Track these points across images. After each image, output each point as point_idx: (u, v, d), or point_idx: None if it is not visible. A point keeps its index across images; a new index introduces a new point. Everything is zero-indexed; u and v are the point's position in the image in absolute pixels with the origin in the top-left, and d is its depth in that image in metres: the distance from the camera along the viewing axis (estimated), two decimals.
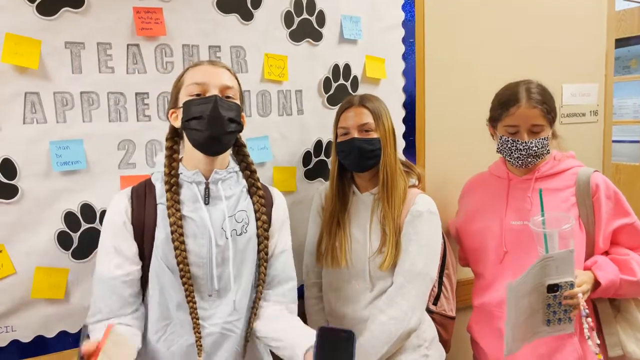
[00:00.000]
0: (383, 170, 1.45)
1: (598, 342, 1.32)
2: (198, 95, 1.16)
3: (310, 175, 1.74)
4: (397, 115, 1.87)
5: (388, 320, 1.38)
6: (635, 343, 1.49)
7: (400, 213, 1.45)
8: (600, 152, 2.38)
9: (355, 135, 1.45)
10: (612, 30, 2.34)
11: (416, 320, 1.39)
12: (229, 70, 1.23)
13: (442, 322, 1.59)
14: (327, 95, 1.73)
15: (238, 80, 1.26)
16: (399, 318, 1.37)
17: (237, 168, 1.29)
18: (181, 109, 1.18)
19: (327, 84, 1.73)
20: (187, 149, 1.22)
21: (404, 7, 1.84)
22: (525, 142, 1.48)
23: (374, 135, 1.45)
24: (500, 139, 1.54)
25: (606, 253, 1.54)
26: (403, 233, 1.44)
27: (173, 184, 1.19)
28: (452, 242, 1.81)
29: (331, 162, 1.55)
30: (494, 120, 1.57)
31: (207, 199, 1.21)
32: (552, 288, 1.32)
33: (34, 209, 1.34)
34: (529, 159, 1.50)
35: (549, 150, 1.51)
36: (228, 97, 1.19)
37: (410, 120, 1.91)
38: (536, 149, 1.48)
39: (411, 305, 1.39)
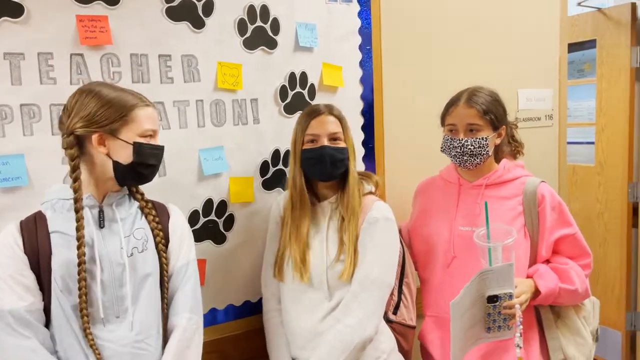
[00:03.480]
0: (349, 179, 1.45)
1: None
2: (146, 136, 1.20)
3: (268, 185, 1.71)
4: (355, 123, 1.86)
5: (344, 329, 1.36)
6: (575, 347, 1.56)
7: (357, 220, 1.44)
8: (556, 155, 2.43)
9: (326, 143, 1.43)
10: (565, 35, 2.40)
11: (372, 328, 1.38)
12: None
13: (402, 332, 1.57)
14: (283, 104, 1.70)
15: None
16: (355, 326, 1.36)
17: (127, 191, 1.28)
18: (127, 145, 1.17)
19: (283, 92, 1.70)
20: (84, 175, 1.19)
21: (360, 15, 1.83)
22: (460, 140, 1.52)
23: (343, 144, 1.45)
24: (443, 139, 1.59)
25: (548, 261, 1.58)
26: (359, 240, 1.43)
27: (81, 209, 1.15)
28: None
29: (291, 171, 1.50)
30: (442, 123, 1.63)
31: (102, 222, 1.20)
32: (492, 299, 1.39)
33: None
34: (465, 157, 1.53)
35: (487, 152, 1.54)
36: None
37: (368, 127, 1.90)
38: (472, 147, 1.52)
39: (367, 313, 1.38)
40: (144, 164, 1.20)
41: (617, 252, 3.08)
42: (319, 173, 1.46)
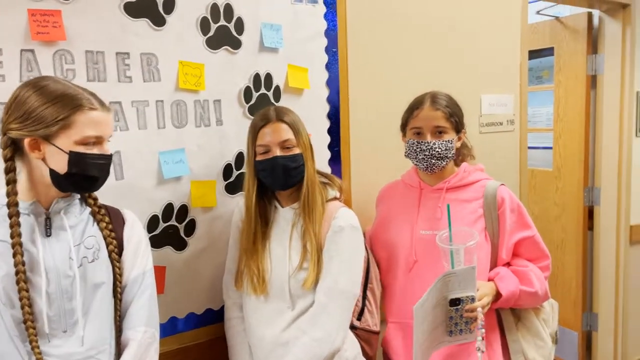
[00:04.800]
0: (306, 185, 1.41)
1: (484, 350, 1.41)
2: (87, 144, 1.09)
3: (232, 189, 1.66)
4: (321, 126, 1.83)
5: (311, 342, 1.33)
6: (535, 350, 1.58)
7: (321, 228, 1.41)
8: (517, 159, 2.48)
9: (278, 152, 1.39)
10: (525, 42, 2.44)
11: (340, 340, 1.36)
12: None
13: (366, 338, 1.55)
14: (248, 105, 1.66)
15: None
16: (323, 339, 1.33)
17: (78, 195, 1.20)
18: (63, 153, 1.06)
19: (247, 93, 1.66)
20: (26, 179, 1.11)
21: (325, 16, 1.81)
22: (428, 142, 1.53)
23: (296, 151, 1.41)
24: (407, 142, 1.59)
25: (508, 264, 1.60)
26: (325, 249, 1.40)
27: (15, 215, 1.07)
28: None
29: (247, 181, 1.46)
30: (403, 127, 1.63)
31: (48, 230, 1.12)
32: (455, 302, 1.38)
33: None
34: (433, 160, 1.54)
35: (453, 154, 1.57)
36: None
37: (335, 131, 1.87)
38: (439, 150, 1.52)
39: (335, 325, 1.35)
40: (81, 175, 1.09)
41: (573, 254, 3.17)
42: (273, 183, 1.43)
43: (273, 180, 1.41)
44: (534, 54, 3.33)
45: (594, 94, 3.08)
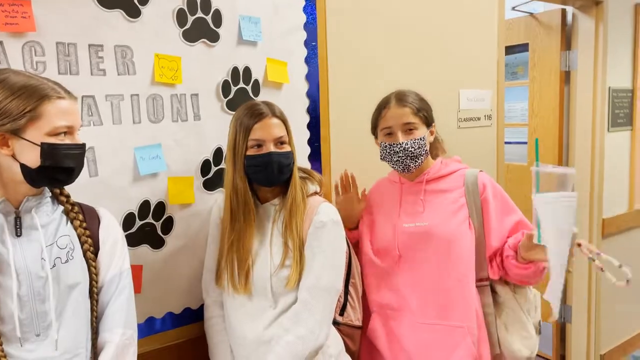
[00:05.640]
0: (293, 182, 1.40)
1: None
2: (59, 134, 1.05)
3: (210, 185, 1.62)
4: (301, 120, 1.81)
5: (295, 340, 1.31)
6: (521, 341, 1.58)
7: (302, 224, 1.39)
8: (495, 154, 2.50)
9: (272, 149, 1.36)
10: (502, 38, 2.46)
11: (324, 336, 1.34)
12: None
13: (349, 333, 1.54)
14: (226, 100, 1.63)
15: None
16: (306, 337, 1.31)
17: (49, 193, 1.15)
18: (34, 146, 1.02)
19: (226, 87, 1.62)
20: None
21: (305, 9, 1.78)
22: (400, 144, 1.52)
23: (288, 148, 1.39)
24: (380, 146, 1.58)
25: (500, 253, 1.57)
26: (307, 245, 1.38)
27: None
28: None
29: (230, 176, 1.40)
30: (374, 129, 1.63)
31: (18, 230, 1.07)
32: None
33: None
34: (408, 161, 1.53)
35: (427, 150, 1.56)
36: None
37: (314, 126, 1.85)
38: (412, 149, 1.52)
39: (318, 321, 1.33)
40: (56, 168, 1.05)
41: None
42: (264, 179, 1.39)
43: (265, 176, 1.37)
44: (508, 50, 3.35)
45: (568, 89, 3.13)
